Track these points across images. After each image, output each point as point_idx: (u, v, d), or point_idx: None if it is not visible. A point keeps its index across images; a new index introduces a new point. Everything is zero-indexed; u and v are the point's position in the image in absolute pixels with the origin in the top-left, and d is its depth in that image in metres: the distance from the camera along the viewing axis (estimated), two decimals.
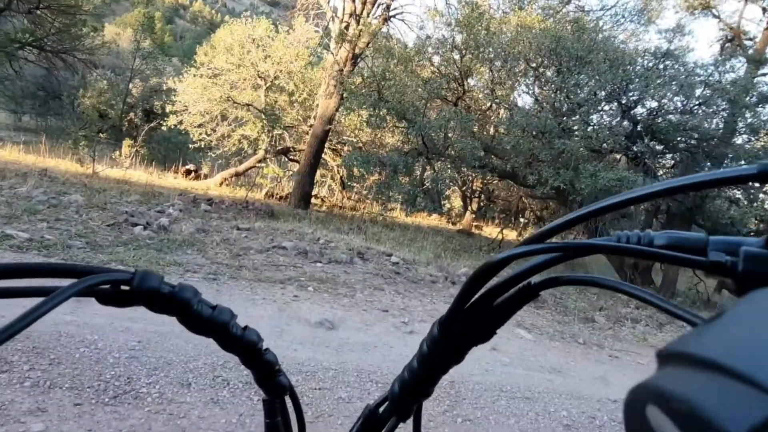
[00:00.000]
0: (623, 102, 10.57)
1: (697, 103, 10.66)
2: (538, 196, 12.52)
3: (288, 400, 0.58)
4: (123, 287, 0.42)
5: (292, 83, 19.18)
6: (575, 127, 11.04)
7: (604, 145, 10.61)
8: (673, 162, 13.03)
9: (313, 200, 18.23)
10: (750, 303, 0.24)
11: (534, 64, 12.50)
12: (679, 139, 10.22)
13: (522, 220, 19.47)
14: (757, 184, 13.45)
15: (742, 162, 11.18)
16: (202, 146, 19.52)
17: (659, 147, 11.64)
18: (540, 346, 6.27)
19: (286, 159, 20.82)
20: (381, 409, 0.53)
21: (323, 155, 17.97)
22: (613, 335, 8.46)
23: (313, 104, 18.55)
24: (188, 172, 19.78)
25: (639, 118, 10.74)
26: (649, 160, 10.24)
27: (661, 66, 11.12)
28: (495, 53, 12.21)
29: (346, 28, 15.48)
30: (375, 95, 12.11)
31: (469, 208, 19.29)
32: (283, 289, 5.90)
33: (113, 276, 0.41)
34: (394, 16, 16.59)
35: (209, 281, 5.56)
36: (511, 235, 18.07)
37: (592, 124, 10.76)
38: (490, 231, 19.24)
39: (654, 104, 10.65)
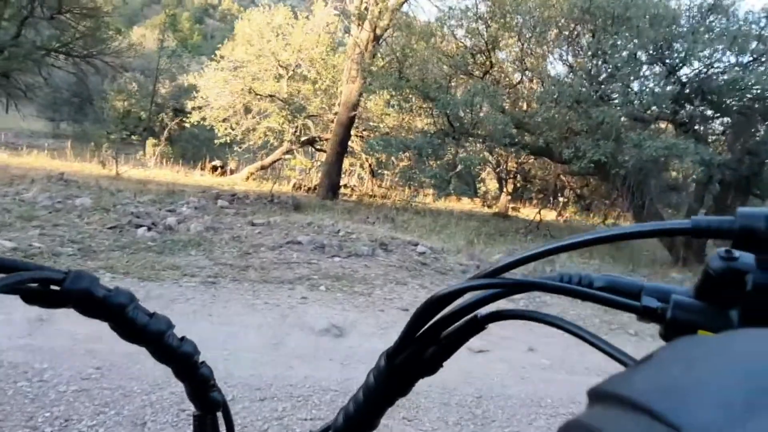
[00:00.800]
0: (668, 62, 9.50)
1: (751, 58, 9.51)
2: (577, 172, 11.58)
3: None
4: (53, 287, 0.40)
5: (314, 71, 18.58)
6: (614, 95, 10.05)
7: (648, 111, 9.60)
8: (723, 128, 11.83)
9: (342, 190, 17.65)
10: (674, 349, 0.25)
11: (566, 32, 11.52)
12: (732, 100, 9.11)
13: (561, 199, 18.43)
14: None
15: None
16: (228, 141, 19.17)
17: (710, 112, 10.53)
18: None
19: (313, 149, 20.27)
20: None
21: (350, 143, 17.35)
22: None
23: (337, 91, 17.89)
24: (215, 168, 19.47)
25: (686, 79, 9.66)
26: (699, 126, 9.18)
27: (708, 21, 10.00)
28: (523, 21, 11.28)
29: (366, 8, 14.75)
30: (396, 74, 11.35)
31: (505, 189, 18.35)
32: (292, 290, 5.30)
33: (43, 274, 0.40)
34: None
35: (207, 286, 5.00)
36: (550, 215, 17.11)
37: (633, 89, 9.74)
38: (528, 212, 18.27)
39: (704, 63, 9.53)
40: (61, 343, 3.40)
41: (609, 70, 9.74)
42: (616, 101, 9.90)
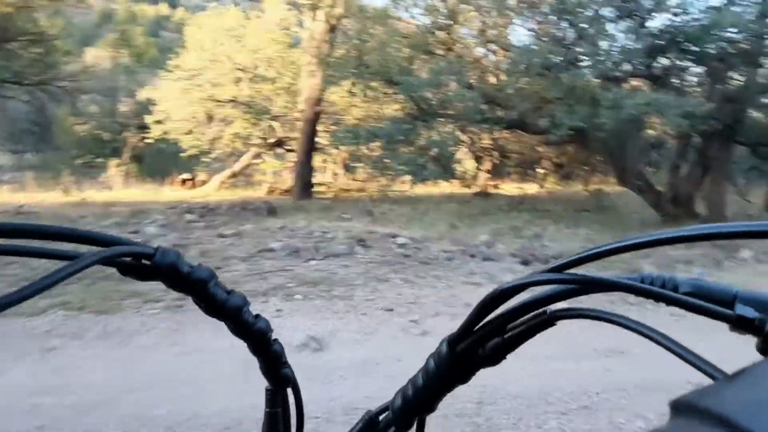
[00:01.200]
0: (636, 15, 9.14)
1: (725, 0, 9.17)
2: (554, 141, 11.25)
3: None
4: (144, 261, 0.43)
5: (273, 70, 18.02)
6: (584, 57, 9.70)
7: (621, 70, 9.27)
8: (698, 78, 11.51)
9: (317, 188, 17.21)
10: None
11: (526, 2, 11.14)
12: (708, 46, 8.77)
13: (540, 171, 18.16)
14: None
15: None
16: (196, 153, 18.58)
17: (685, 62, 10.21)
18: (587, 320, 5.15)
19: (284, 150, 19.74)
20: (381, 418, 0.52)
21: (320, 139, 16.87)
22: None
23: (299, 88, 17.37)
24: (184, 182, 18.85)
25: (657, 31, 9.31)
26: (676, 78, 8.85)
27: None
28: None
29: None
30: (355, 62, 10.89)
31: (483, 167, 18.01)
32: (265, 302, 4.86)
33: (136, 249, 0.43)
34: None
35: (171, 311, 4.53)
36: (531, 188, 16.83)
37: (602, 48, 9.38)
38: (509, 188, 17.98)
39: (673, 12, 9.14)
40: (4, 401, 2.95)
41: (576, 31, 9.39)
42: (587, 63, 9.56)
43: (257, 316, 0.51)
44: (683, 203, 10.56)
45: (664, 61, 9.20)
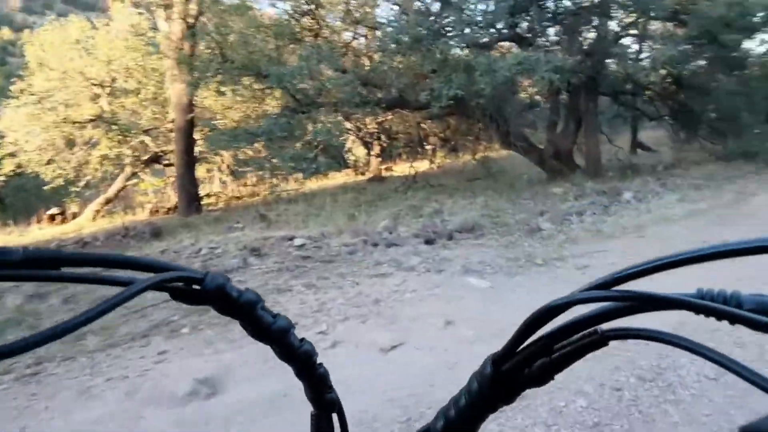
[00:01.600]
0: None
1: None
2: (436, 115, 11.14)
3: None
4: (195, 286, 0.44)
5: (133, 80, 16.57)
6: (451, 26, 9.59)
7: (488, 34, 9.26)
8: (557, 37, 11.88)
9: (206, 200, 16.17)
10: None
11: None
12: (563, 2, 8.96)
13: (429, 147, 18.22)
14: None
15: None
16: (62, 183, 16.73)
17: (544, 22, 10.42)
18: (501, 290, 4.95)
19: (162, 166, 18.33)
20: None
21: (200, 148, 15.77)
22: (566, 239, 7.37)
23: (167, 96, 16.10)
24: (53, 217, 16.97)
25: None
26: (539, 38, 8.97)
27: None
28: None
29: None
30: (218, 59, 10.10)
31: (372, 152, 17.78)
32: (145, 346, 4.18)
33: (187, 274, 0.43)
34: None
35: (24, 383, 3.73)
36: (423, 166, 16.83)
37: (467, 15, 9.32)
38: (402, 169, 17.88)
39: None
40: None
41: (440, 1, 9.23)
42: (455, 33, 9.45)
43: (302, 339, 0.50)
44: (564, 158, 10.87)
45: (526, 23, 9.30)
